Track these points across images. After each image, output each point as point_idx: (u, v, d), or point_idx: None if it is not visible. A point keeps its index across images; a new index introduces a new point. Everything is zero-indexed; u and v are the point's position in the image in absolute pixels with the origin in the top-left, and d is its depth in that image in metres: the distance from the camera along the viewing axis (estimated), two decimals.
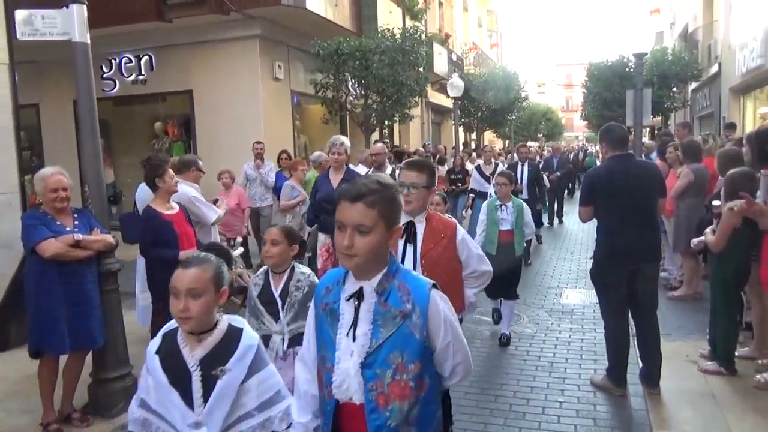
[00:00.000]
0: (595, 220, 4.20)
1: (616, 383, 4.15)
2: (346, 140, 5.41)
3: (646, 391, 4.09)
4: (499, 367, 4.75)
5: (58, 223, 3.68)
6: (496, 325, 5.63)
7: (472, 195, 9.29)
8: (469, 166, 11.26)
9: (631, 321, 4.22)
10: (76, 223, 3.77)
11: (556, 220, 13.19)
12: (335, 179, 5.24)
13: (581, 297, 6.83)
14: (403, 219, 2.51)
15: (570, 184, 18.44)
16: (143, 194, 4.91)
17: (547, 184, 11.12)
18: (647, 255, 4.01)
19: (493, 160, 9.51)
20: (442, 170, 11.09)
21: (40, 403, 3.82)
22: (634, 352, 4.28)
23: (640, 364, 4.23)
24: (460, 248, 2.88)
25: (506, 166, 9.81)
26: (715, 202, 4.61)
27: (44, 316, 3.66)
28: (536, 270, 8.46)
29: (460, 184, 10.89)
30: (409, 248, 2.80)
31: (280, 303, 3.04)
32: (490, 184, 8.22)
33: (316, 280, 2.97)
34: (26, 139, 9.72)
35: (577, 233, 11.63)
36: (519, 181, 8.22)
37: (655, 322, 4.12)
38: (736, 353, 4.41)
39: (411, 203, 2.74)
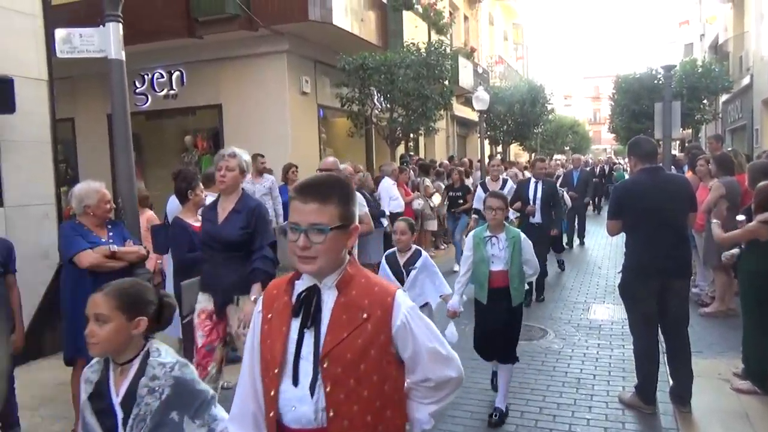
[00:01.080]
0: (623, 234, 4.15)
1: (646, 401, 4.06)
2: (240, 152, 3.68)
3: (676, 410, 4.00)
4: (524, 383, 4.70)
5: (94, 234, 3.80)
6: (494, 392, 4.31)
7: (475, 216, 7.88)
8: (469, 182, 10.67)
9: (661, 337, 4.14)
10: (110, 234, 3.87)
11: (576, 242, 11.86)
12: (224, 208, 3.64)
13: (609, 312, 6.73)
14: (304, 283, 1.61)
15: (597, 199, 17.94)
16: (173, 206, 5.02)
17: (568, 202, 10.05)
18: (677, 270, 3.95)
19: (501, 176, 8.13)
20: (468, 182, 10.83)
21: (73, 410, 3.92)
22: (664, 369, 4.20)
23: (671, 381, 4.14)
24: (400, 340, 1.59)
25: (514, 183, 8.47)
26: (740, 217, 4.54)
27: (79, 325, 3.75)
28: (563, 284, 8.36)
29: (461, 202, 9.67)
30: (307, 336, 1.56)
31: (120, 415, 1.90)
32: None
33: (184, 374, 1.95)
34: (62, 152, 9.98)
35: (604, 247, 11.46)
36: (532, 202, 7.09)
37: (686, 339, 4.04)
38: None
39: (315, 259, 1.53)
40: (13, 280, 3.64)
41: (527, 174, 13.80)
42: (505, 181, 7.91)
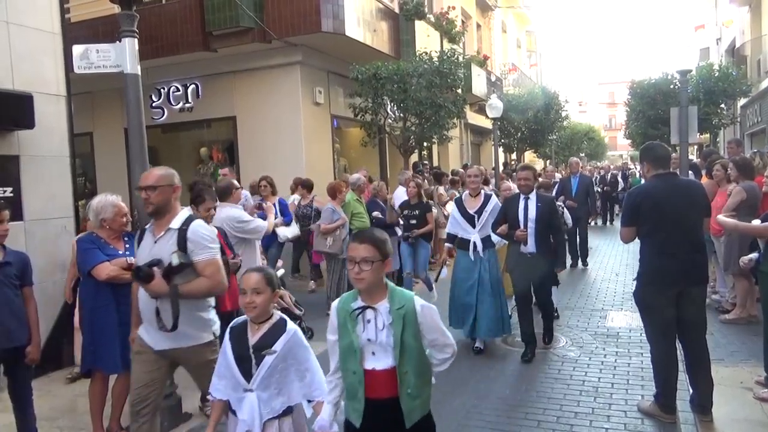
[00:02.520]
0: (637, 241, 4.10)
1: (665, 410, 3.99)
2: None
3: (697, 419, 3.93)
4: (541, 391, 4.65)
5: (111, 247, 3.86)
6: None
7: (448, 245, 6.12)
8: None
9: (679, 345, 4.08)
10: (127, 246, 3.93)
11: (579, 263, 10.10)
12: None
13: (627, 320, 6.64)
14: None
15: (610, 207, 17.37)
16: None
17: (569, 222, 7.90)
18: (694, 277, 3.89)
19: (483, 191, 5.96)
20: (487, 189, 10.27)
21: (90, 421, 3.96)
22: (684, 378, 4.13)
23: (690, 390, 4.07)
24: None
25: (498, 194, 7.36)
26: (755, 222, 4.46)
27: (99, 337, 3.81)
28: (580, 291, 8.27)
29: (414, 222, 7.34)
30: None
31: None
32: (475, 227, 5.64)
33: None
34: (80, 165, 10.20)
35: (621, 254, 11.34)
36: (522, 225, 5.34)
37: (705, 346, 3.97)
38: None
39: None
40: (30, 292, 3.70)
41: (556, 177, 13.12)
42: (487, 198, 5.77)
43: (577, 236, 9.95)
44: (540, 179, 6.95)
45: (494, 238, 5.75)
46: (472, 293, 5.62)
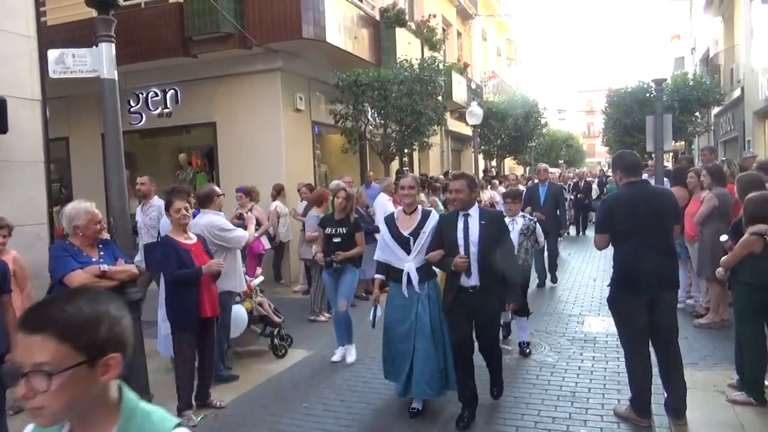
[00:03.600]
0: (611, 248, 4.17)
1: (640, 414, 4.05)
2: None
3: (671, 423, 3.99)
4: (519, 397, 4.68)
5: (85, 254, 3.80)
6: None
7: (379, 277, 4.76)
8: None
9: (653, 349, 4.14)
10: (102, 254, 3.88)
11: (548, 281, 9.09)
12: None
13: (604, 325, 6.72)
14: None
15: (583, 216, 16.53)
16: (167, 224, 5.03)
17: (541, 240, 6.21)
18: (665, 282, 3.97)
19: (420, 206, 4.76)
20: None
21: None
22: (659, 382, 4.19)
23: (665, 393, 4.13)
24: None
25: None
26: (723, 238, 4.59)
27: None
28: (558, 297, 8.35)
29: (338, 242, 5.68)
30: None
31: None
32: (410, 253, 4.41)
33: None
34: (56, 171, 10.03)
35: (599, 259, 11.48)
36: (463, 249, 4.10)
37: (677, 351, 4.04)
38: (766, 383, 4.29)
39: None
40: (8, 300, 3.63)
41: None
42: (425, 215, 4.54)
43: (545, 251, 8.84)
44: (501, 188, 6.59)
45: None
46: (408, 339, 4.37)
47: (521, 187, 10.48)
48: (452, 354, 4.30)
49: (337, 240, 5.71)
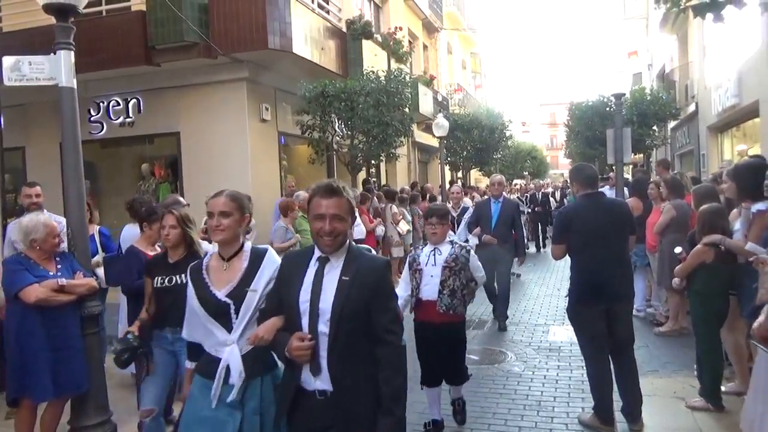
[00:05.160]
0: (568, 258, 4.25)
1: (604, 422, 4.12)
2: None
3: (629, 428, 4.07)
4: (486, 407, 4.70)
5: (42, 268, 3.67)
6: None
7: (189, 365, 2.83)
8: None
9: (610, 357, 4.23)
10: (59, 267, 3.75)
11: (497, 325, 7.19)
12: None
13: (569, 334, 6.79)
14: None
15: (542, 230, 16.28)
16: (129, 235, 4.90)
17: (480, 276, 4.28)
18: (620, 293, 4.08)
19: (248, 243, 2.74)
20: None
21: None
22: None
23: (621, 400, 4.22)
24: None
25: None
26: (677, 250, 4.74)
27: (26, 364, 3.60)
28: (523, 307, 8.45)
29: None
30: None
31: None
32: (232, 330, 2.56)
33: None
34: (11, 181, 9.69)
35: (563, 269, 11.67)
36: (306, 327, 2.28)
37: (633, 358, 4.17)
38: (723, 389, 4.42)
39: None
40: None
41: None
42: (256, 257, 2.70)
43: (496, 285, 7.10)
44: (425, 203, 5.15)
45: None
46: None
47: (468, 202, 9.03)
48: None
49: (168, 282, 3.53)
